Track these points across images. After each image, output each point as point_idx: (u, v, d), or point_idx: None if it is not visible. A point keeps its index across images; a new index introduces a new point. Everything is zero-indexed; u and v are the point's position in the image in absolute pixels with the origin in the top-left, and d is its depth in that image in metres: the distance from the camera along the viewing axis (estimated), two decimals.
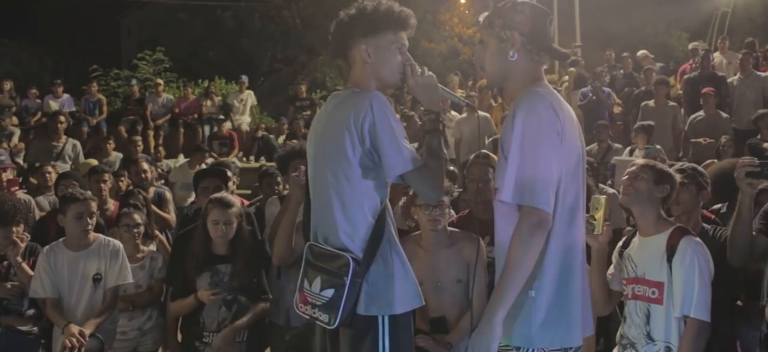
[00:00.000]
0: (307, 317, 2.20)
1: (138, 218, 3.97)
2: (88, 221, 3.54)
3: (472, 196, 3.36)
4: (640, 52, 11.33)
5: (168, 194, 5.84)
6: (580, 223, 2.10)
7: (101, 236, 3.74)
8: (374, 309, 2.10)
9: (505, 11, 2.11)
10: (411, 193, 3.19)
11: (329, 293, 2.10)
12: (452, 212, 3.29)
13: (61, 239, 3.67)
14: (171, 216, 5.56)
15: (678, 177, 2.74)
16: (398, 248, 2.19)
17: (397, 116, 2.15)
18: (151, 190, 5.72)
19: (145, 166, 5.84)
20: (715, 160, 4.91)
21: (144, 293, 3.90)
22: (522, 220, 1.94)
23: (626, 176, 2.66)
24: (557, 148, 1.97)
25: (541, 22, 2.11)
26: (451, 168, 4.20)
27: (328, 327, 2.12)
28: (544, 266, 2.00)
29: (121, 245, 3.69)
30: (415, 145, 2.32)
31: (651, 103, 8.59)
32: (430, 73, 2.23)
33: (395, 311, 2.12)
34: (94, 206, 3.60)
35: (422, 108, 2.27)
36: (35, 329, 3.63)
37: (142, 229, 3.99)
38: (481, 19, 2.21)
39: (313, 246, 2.19)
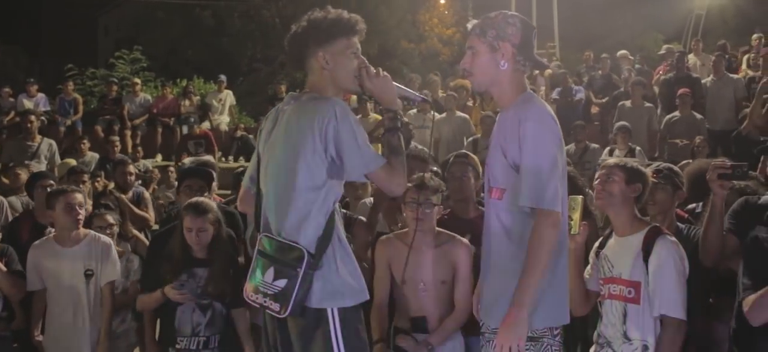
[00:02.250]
0: (257, 306, 2.30)
1: (111, 218, 3.94)
2: (78, 210, 3.53)
3: (452, 194, 3.40)
4: (620, 52, 11.47)
5: (146, 194, 5.79)
6: (565, 217, 2.31)
7: (92, 231, 3.73)
8: (325, 302, 2.22)
9: (498, 23, 2.29)
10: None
11: (282, 283, 2.20)
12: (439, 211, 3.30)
13: (51, 235, 3.65)
14: (150, 215, 5.52)
15: (650, 174, 2.77)
16: (346, 246, 2.31)
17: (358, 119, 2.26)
18: (131, 192, 5.67)
19: (131, 168, 5.82)
20: (690, 160, 4.99)
21: (118, 295, 3.85)
22: (541, 221, 2.15)
23: (598, 179, 2.70)
24: (561, 152, 2.22)
25: (529, 35, 2.31)
26: (435, 168, 4.22)
27: (278, 316, 2.22)
28: None
29: (112, 241, 3.68)
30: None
31: (628, 103, 8.73)
32: (385, 73, 2.34)
33: (345, 304, 2.24)
34: (80, 197, 3.59)
35: (380, 107, 2.42)
36: (7, 333, 3.59)
37: (115, 229, 3.95)
38: (469, 26, 2.36)
39: (268, 237, 2.28)
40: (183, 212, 3.31)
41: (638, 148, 7.59)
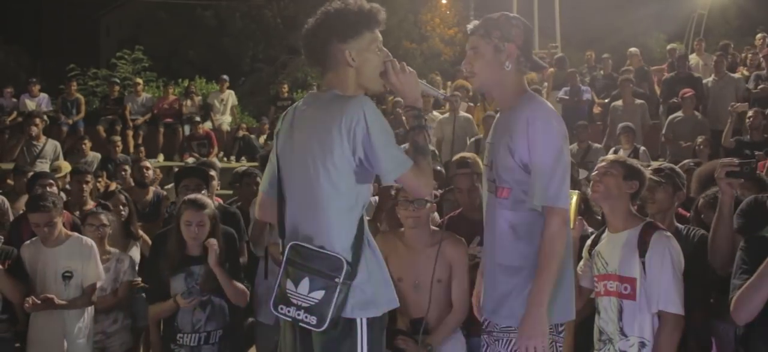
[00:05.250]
0: (289, 319, 2.13)
1: (104, 218, 3.93)
2: (45, 231, 3.58)
3: (463, 207, 3.46)
4: (631, 50, 11.42)
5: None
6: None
7: (76, 234, 3.77)
8: (357, 312, 2.10)
9: (502, 23, 2.29)
10: (393, 192, 3.19)
11: (319, 294, 2.06)
12: (436, 215, 3.31)
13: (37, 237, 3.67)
14: None
15: (648, 173, 2.76)
16: (376, 250, 2.20)
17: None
18: (151, 191, 5.68)
19: (148, 164, 5.85)
20: (689, 161, 5.00)
21: (107, 296, 3.87)
22: (552, 219, 2.17)
23: (596, 172, 2.71)
24: (567, 151, 2.25)
25: (530, 36, 2.33)
26: (438, 168, 4.22)
27: (315, 329, 2.07)
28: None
29: (94, 244, 3.69)
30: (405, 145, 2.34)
31: (618, 104, 8.73)
32: (411, 68, 2.24)
33: (375, 313, 2.13)
34: (49, 216, 3.58)
35: (405, 106, 2.27)
36: (7, 334, 3.60)
37: (108, 230, 3.94)
38: (470, 26, 2.34)
39: (299, 246, 2.13)
40: (182, 206, 3.34)
41: (643, 148, 7.58)
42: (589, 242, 2.83)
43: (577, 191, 2.63)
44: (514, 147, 2.22)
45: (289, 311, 2.12)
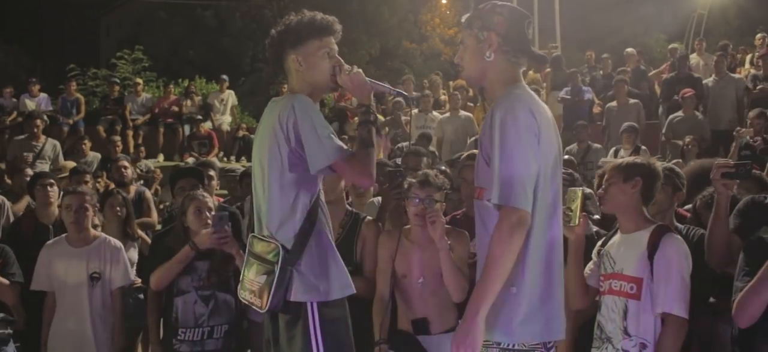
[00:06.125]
0: (247, 303, 2.37)
1: (95, 219, 3.92)
2: (81, 214, 3.52)
3: (466, 198, 3.40)
4: (628, 50, 11.44)
5: (148, 194, 5.79)
6: (559, 220, 2.16)
7: (103, 234, 3.72)
8: (302, 296, 2.26)
9: (484, 13, 2.17)
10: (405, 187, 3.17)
11: (262, 278, 2.28)
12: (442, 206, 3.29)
13: (63, 235, 3.65)
14: (152, 216, 5.52)
15: (651, 163, 2.73)
16: (329, 240, 2.37)
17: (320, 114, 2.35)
18: (132, 189, 5.67)
19: (126, 163, 5.81)
20: (681, 160, 5.01)
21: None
22: (502, 219, 1.99)
23: (600, 189, 2.72)
24: (535, 148, 2.02)
25: (518, 24, 2.16)
26: (444, 168, 4.22)
27: (260, 311, 2.29)
28: (525, 263, 2.05)
29: (122, 245, 3.68)
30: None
31: (613, 104, 8.72)
32: (359, 69, 2.43)
33: (326, 298, 2.29)
34: (81, 199, 3.56)
35: (357, 104, 2.47)
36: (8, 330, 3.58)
37: (98, 229, 3.92)
38: (463, 19, 2.26)
39: (253, 236, 2.39)
40: (186, 201, 3.36)
41: (644, 147, 7.58)
42: (599, 243, 2.83)
43: (581, 189, 2.62)
44: (484, 144, 2.11)
45: (244, 296, 2.38)
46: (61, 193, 4.08)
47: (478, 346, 1.99)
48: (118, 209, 4.31)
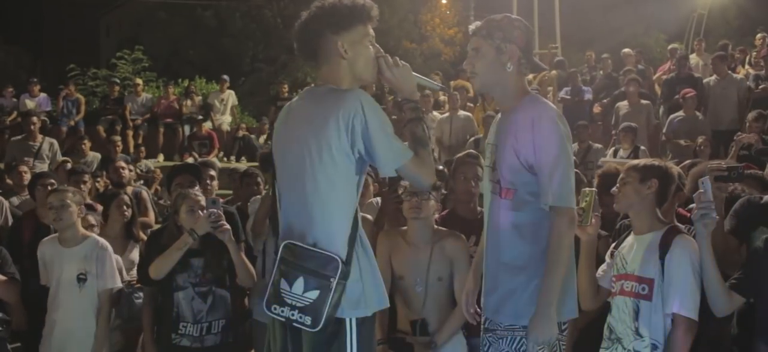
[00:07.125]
0: (283, 319, 2.10)
1: (91, 219, 3.91)
2: (63, 212, 3.50)
3: (461, 195, 3.39)
4: (624, 50, 11.44)
5: (145, 194, 5.79)
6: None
7: (94, 235, 3.69)
8: (346, 311, 2.08)
9: (504, 25, 2.33)
10: (400, 192, 3.18)
11: (314, 294, 2.04)
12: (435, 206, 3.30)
13: (55, 234, 3.64)
14: (150, 216, 5.51)
15: (669, 166, 2.73)
16: (368, 249, 2.19)
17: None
18: (129, 190, 5.67)
19: (123, 164, 5.82)
20: (691, 161, 5.00)
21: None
22: (560, 218, 2.22)
23: (616, 186, 2.72)
24: (571, 152, 2.32)
25: (531, 38, 2.38)
26: (440, 167, 4.21)
27: (310, 330, 2.05)
28: None
29: (109, 246, 3.65)
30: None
31: (624, 104, 8.69)
32: (404, 62, 2.25)
33: (365, 313, 2.11)
34: (62, 197, 3.53)
35: (400, 99, 2.28)
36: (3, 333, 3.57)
37: (95, 230, 3.90)
38: (472, 27, 2.38)
39: (293, 245, 2.10)
40: (178, 199, 3.35)
41: (643, 147, 7.57)
42: (612, 245, 2.83)
43: (594, 189, 2.63)
44: (520, 148, 2.25)
45: (282, 311, 2.09)
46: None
47: (554, 334, 2.22)
48: (125, 208, 4.29)
